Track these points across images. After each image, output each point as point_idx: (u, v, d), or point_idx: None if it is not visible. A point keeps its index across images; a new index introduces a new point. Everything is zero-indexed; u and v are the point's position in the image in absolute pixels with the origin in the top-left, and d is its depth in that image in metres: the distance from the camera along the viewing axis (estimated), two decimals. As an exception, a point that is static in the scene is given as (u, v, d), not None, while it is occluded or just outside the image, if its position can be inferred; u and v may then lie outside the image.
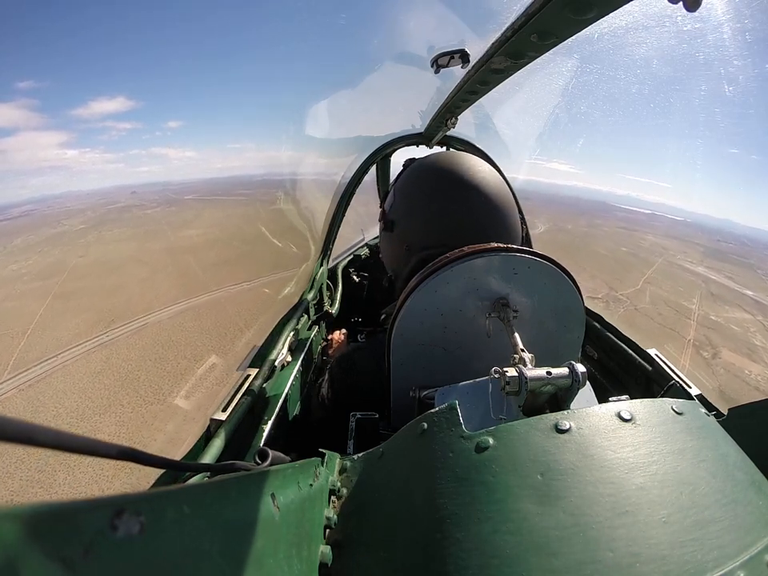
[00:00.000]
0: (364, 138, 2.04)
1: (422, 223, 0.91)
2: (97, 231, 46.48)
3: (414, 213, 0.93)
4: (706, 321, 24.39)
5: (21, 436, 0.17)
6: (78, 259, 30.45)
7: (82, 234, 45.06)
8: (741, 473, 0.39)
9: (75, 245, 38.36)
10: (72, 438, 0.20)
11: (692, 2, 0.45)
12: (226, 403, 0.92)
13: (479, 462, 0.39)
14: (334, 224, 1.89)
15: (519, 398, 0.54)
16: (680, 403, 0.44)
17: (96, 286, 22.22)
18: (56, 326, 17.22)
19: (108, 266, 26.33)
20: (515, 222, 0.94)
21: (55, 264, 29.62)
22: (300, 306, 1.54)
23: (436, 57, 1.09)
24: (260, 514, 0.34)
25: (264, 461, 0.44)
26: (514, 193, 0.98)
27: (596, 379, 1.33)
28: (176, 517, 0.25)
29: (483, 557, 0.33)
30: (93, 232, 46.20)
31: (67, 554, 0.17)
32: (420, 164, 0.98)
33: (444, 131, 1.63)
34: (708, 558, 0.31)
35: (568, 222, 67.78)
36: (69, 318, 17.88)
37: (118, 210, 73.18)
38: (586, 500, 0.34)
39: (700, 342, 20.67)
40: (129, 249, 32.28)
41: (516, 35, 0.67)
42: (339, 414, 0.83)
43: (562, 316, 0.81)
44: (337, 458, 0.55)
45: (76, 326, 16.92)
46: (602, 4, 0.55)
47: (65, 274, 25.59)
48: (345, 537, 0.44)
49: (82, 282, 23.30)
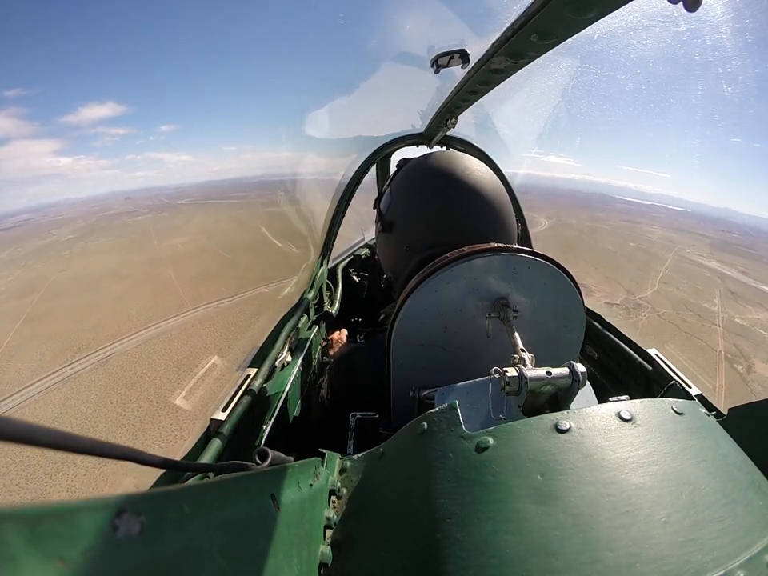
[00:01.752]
0: (364, 138, 2.04)
1: (422, 224, 0.91)
2: (83, 242, 45.94)
3: (413, 213, 0.93)
4: (732, 326, 23.47)
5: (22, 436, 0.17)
6: (58, 274, 30.04)
7: (68, 246, 44.55)
8: (741, 473, 0.39)
9: (59, 257, 37.92)
10: (73, 438, 0.20)
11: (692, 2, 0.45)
12: (226, 403, 0.91)
13: (479, 462, 0.39)
14: (333, 224, 1.89)
15: (519, 398, 0.54)
16: (680, 403, 0.44)
17: (69, 306, 21.58)
18: (21, 354, 16.47)
19: (85, 282, 25.83)
20: (512, 222, 0.95)
21: (35, 280, 29.20)
22: (300, 305, 1.54)
23: (436, 57, 1.09)
24: (260, 513, 0.34)
25: (264, 461, 0.44)
26: (512, 192, 0.98)
27: (596, 379, 1.33)
28: (176, 517, 0.25)
29: (483, 557, 0.33)
30: (79, 243, 45.69)
31: (67, 554, 0.17)
32: (417, 164, 0.98)
33: (444, 131, 1.63)
34: (708, 558, 0.31)
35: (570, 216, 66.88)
36: (35, 347, 17.09)
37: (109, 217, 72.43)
38: (585, 500, 0.34)
39: (731, 354, 19.66)
40: (110, 261, 31.80)
41: (516, 35, 0.67)
42: (339, 414, 0.83)
43: (562, 316, 0.81)
44: (337, 457, 0.55)
45: (41, 357, 16.11)
46: (602, 4, 0.55)
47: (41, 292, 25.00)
48: (345, 537, 0.44)
49: (55, 302, 22.67)
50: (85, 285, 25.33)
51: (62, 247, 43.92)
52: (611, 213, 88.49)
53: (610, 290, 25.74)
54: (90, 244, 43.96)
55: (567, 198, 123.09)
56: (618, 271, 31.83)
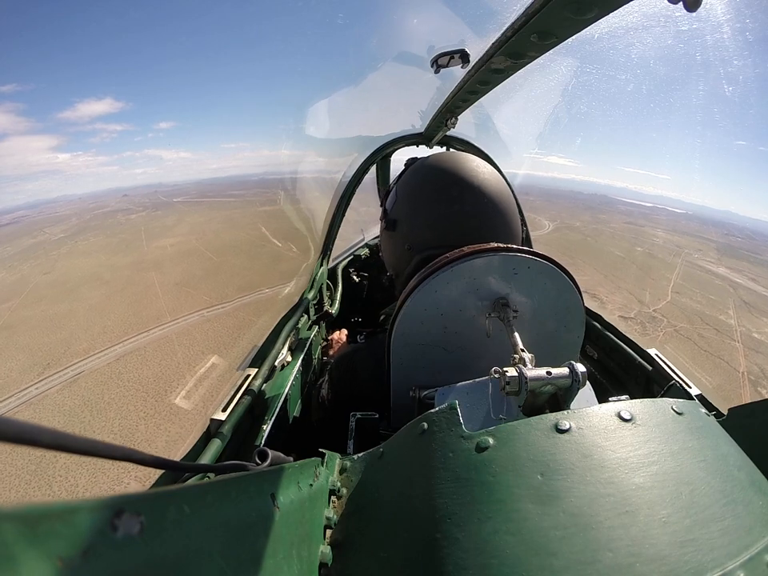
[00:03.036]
0: (364, 138, 2.04)
1: (425, 224, 0.91)
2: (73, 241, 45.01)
3: (417, 213, 0.93)
4: (751, 341, 22.62)
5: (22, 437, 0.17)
6: (41, 277, 29.32)
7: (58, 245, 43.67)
8: (741, 473, 0.39)
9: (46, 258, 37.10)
10: (73, 438, 0.20)
11: (692, 2, 0.45)
12: (226, 403, 0.91)
13: (479, 461, 0.39)
14: (333, 224, 1.89)
15: (519, 398, 0.53)
16: (680, 403, 0.44)
17: (46, 314, 20.75)
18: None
19: (66, 287, 25.09)
20: (516, 224, 0.95)
21: (18, 282, 28.57)
22: (300, 305, 1.54)
23: (436, 57, 1.09)
24: (260, 513, 0.34)
25: (264, 461, 0.44)
26: (514, 194, 0.98)
27: (596, 379, 1.33)
28: (176, 517, 0.25)
29: (483, 557, 0.33)
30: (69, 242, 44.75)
31: (67, 554, 0.17)
32: (422, 164, 0.98)
33: (444, 131, 1.63)
34: (708, 558, 0.31)
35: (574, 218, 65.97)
36: (4, 361, 16.33)
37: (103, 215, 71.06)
38: (585, 500, 0.34)
39: (754, 375, 18.90)
40: (95, 263, 31.16)
41: (516, 35, 0.67)
42: (339, 414, 0.83)
43: (562, 316, 0.81)
44: (337, 457, 0.55)
45: (8, 372, 15.31)
46: (602, 4, 0.55)
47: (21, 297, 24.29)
48: (345, 537, 0.44)
49: (34, 309, 21.92)
50: (66, 290, 24.65)
51: (52, 247, 43.08)
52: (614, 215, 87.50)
53: (622, 301, 24.82)
54: (80, 243, 43.17)
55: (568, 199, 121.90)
56: (627, 279, 31.05)
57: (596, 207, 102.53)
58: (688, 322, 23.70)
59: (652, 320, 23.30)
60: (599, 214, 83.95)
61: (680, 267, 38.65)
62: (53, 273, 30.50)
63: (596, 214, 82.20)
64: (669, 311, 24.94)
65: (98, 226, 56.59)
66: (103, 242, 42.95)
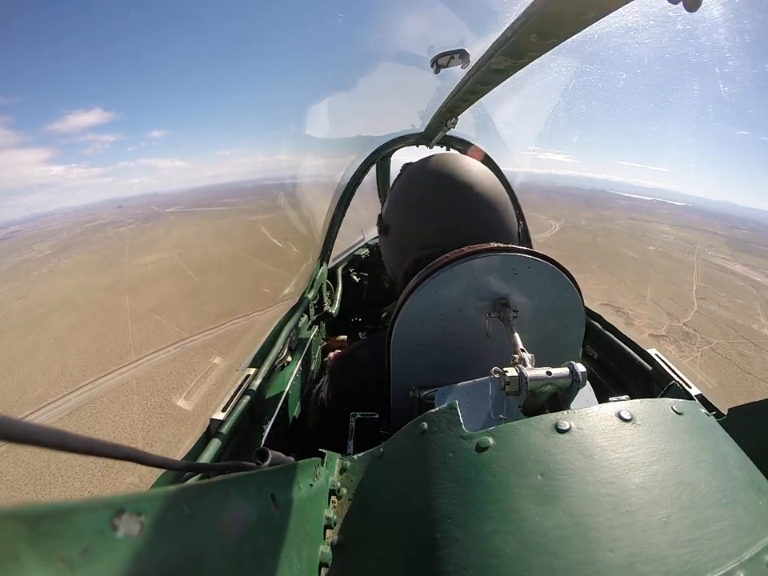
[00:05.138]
0: (364, 138, 2.04)
1: (412, 224, 0.92)
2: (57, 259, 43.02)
3: (405, 215, 0.94)
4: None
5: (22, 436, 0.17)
6: (15, 302, 27.20)
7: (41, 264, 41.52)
8: (741, 473, 0.39)
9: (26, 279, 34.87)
10: (73, 438, 0.20)
11: (692, 2, 0.45)
12: (226, 403, 0.91)
13: (479, 461, 0.39)
14: (333, 224, 1.89)
15: (519, 398, 0.53)
16: (680, 403, 0.44)
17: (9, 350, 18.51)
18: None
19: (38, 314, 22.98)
20: (510, 220, 0.94)
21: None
22: (300, 305, 1.54)
23: (436, 57, 1.09)
24: (260, 513, 0.34)
25: (264, 461, 0.44)
26: (512, 190, 0.97)
27: (596, 379, 1.33)
28: (176, 517, 0.25)
29: (483, 557, 0.33)
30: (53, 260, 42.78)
31: (67, 554, 0.17)
32: (413, 167, 0.99)
33: (444, 131, 1.63)
34: (708, 558, 0.31)
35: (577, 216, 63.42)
36: None
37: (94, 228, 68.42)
38: (585, 500, 0.34)
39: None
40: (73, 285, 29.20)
41: (516, 35, 0.67)
42: (339, 414, 0.83)
43: (562, 316, 0.81)
44: (337, 457, 0.55)
45: None
46: (602, 4, 0.55)
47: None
48: (345, 537, 0.44)
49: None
50: (36, 317, 22.43)
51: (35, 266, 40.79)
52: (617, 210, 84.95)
53: (649, 314, 21.64)
54: (62, 262, 41.02)
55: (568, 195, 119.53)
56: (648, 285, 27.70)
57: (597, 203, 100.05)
58: (722, 336, 20.50)
59: (686, 337, 20.04)
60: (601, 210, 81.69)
61: (697, 267, 35.53)
62: (28, 297, 28.56)
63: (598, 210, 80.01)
64: (699, 323, 21.79)
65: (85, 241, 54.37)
66: (86, 259, 40.80)
